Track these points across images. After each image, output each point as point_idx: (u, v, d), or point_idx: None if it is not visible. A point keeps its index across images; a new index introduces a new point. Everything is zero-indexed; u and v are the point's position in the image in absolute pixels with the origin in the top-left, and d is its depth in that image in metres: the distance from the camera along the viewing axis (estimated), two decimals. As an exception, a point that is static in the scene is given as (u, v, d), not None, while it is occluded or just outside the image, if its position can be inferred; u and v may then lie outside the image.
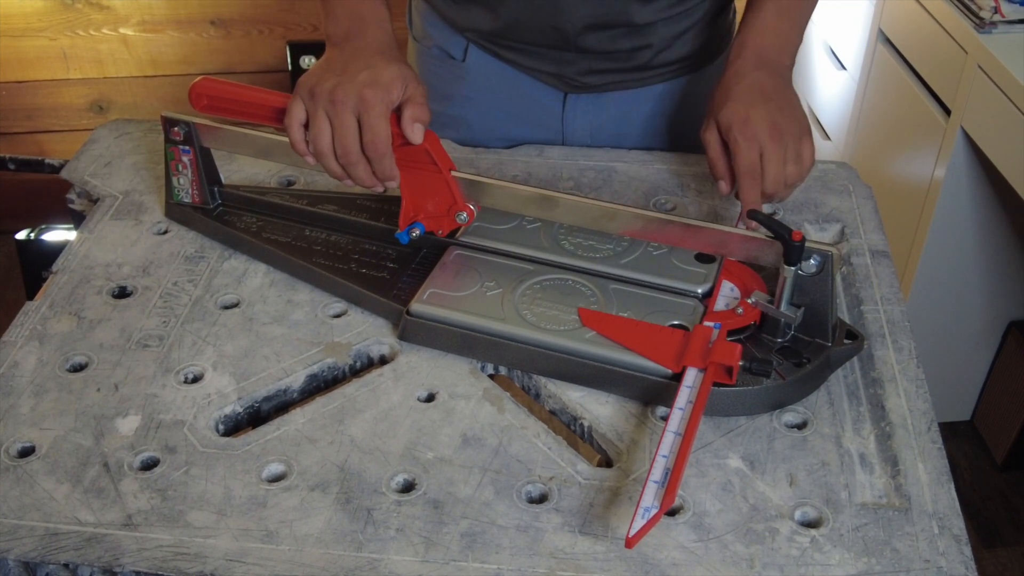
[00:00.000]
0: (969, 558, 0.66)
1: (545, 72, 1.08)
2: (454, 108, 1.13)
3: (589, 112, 1.11)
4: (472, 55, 1.10)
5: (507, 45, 1.07)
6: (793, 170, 0.87)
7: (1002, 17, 1.57)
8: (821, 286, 0.76)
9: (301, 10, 2.17)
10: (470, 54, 1.10)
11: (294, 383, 0.80)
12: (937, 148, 1.71)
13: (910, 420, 0.75)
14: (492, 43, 1.08)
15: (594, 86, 1.08)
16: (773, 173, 0.86)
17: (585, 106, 1.10)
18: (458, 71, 1.11)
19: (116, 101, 2.26)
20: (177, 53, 2.20)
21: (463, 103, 1.13)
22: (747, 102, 0.87)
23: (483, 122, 1.13)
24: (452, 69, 1.12)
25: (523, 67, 1.08)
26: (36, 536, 0.67)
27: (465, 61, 1.10)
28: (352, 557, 0.66)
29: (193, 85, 0.88)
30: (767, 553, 0.66)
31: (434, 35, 1.11)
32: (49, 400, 0.78)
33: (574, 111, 1.11)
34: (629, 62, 1.06)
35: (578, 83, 1.08)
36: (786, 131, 0.87)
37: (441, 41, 1.11)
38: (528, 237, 0.89)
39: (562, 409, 0.79)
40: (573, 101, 1.10)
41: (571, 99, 1.10)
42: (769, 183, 0.86)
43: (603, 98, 1.10)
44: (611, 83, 1.08)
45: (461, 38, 1.09)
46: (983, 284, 1.79)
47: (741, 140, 0.86)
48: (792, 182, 0.87)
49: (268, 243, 0.92)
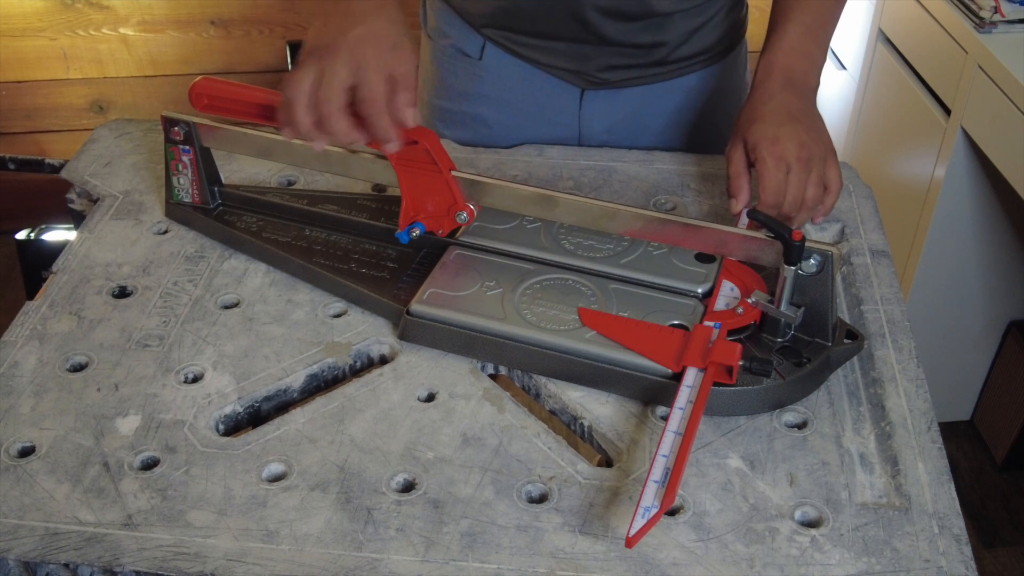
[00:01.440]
0: (969, 558, 0.66)
1: (563, 68, 1.08)
2: (471, 106, 1.13)
3: (606, 108, 1.10)
4: (489, 53, 1.10)
5: (524, 42, 1.07)
6: (814, 193, 0.86)
7: (1002, 17, 1.57)
8: (821, 286, 0.76)
9: (301, 10, 2.16)
10: (487, 52, 1.10)
11: (294, 383, 0.80)
12: (937, 148, 1.71)
13: (910, 420, 0.75)
14: (509, 40, 1.08)
15: (612, 82, 1.08)
16: (792, 194, 0.85)
17: (602, 102, 1.10)
18: (475, 69, 1.11)
19: (116, 101, 2.25)
20: (177, 53, 2.20)
21: (480, 101, 1.13)
22: (776, 122, 0.88)
23: (500, 120, 1.13)
24: (469, 67, 1.11)
25: (540, 63, 1.08)
26: (36, 536, 0.67)
27: (482, 59, 1.10)
28: (352, 557, 0.66)
29: (193, 85, 0.88)
30: (767, 553, 0.66)
31: (450, 33, 1.11)
32: (49, 400, 0.78)
33: (591, 107, 1.10)
34: (647, 57, 1.06)
35: (596, 79, 1.08)
36: (814, 153, 0.87)
37: (457, 40, 1.11)
38: (528, 237, 0.89)
39: (562, 409, 0.79)
40: (590, 97, 1.10)
41: (588, 95, 1.10)
42: (788, 204, 0.86)
43: (620, 94, 1.10)
44: (628, 79, 1.08)
45: (478, 36, 1.09)
46: (983, 284, 1.79)
47: (769, 160, 0.86)
48: (812, 205, 0.87)
49: (268, 243, 0.92)
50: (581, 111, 1.11)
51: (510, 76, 1.10)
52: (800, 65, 0.94)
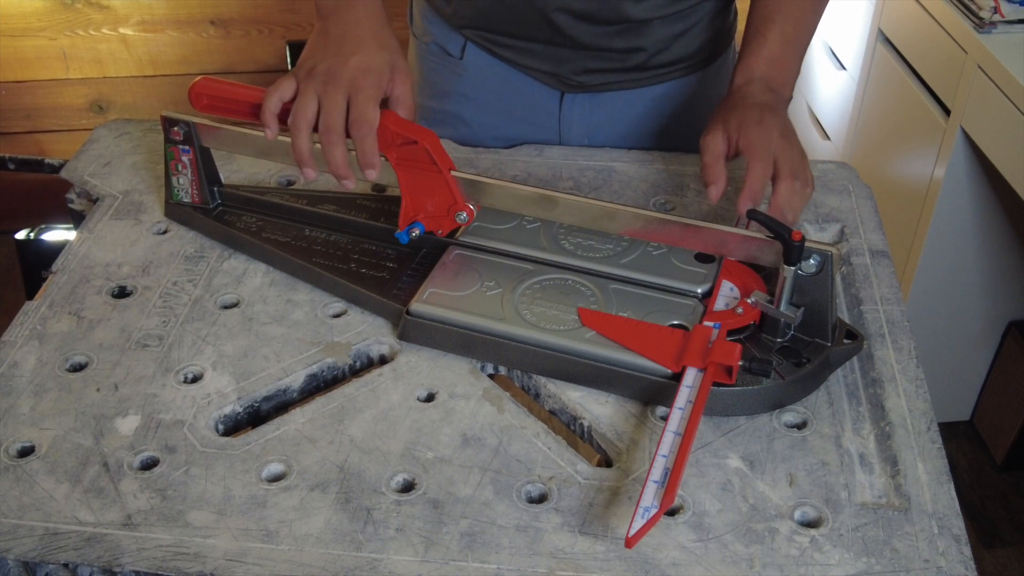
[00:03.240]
0: (969, 558, 0.66)
1: (541, 71, 1.08)
2: (452, 105, 1.13)
3: (586, 112, 1.11)
4: (470, 53, 1.10)
5: (503, 43, 1.07)
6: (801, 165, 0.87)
7: (1002, 17, 1.57)
8: (821, 286, 0.76)
9: (301, 10, 2.17)
10: (468, 52, 1.10)
11: (294, 383, 0.80)
12: (937, 148, 1.71)
13: (910, 420, 0.75)
14: (488, 40, 1.08)
15: (591, 86, 1.08)
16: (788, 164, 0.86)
17: (582, 106, 1.10)
18: (456, 68, 1.11)
19: (116, 101, 2.25)
20: (177, 53, 2.20)
21: (460, 100, 1.13)
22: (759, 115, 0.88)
23: (480, 120, 1.13)
24: (450, 66, 1.12)
25: (520, 65, 1.08)
26: (36, 536, 0.67)
27: (463, 59, 1.10)
28: (352, 557, 0.66)
29: (193, 85, 0.88)
30: (767, 553, 0.66)
31: (432, 32, 1.11)
32: (49, 400, 0.78)
33: (571, 111, 1.10)
34: (625, 62, 1.06)
35: (574, 82, 1.08)
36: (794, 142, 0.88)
37: (439, 38, 1.11)
38: (528, 237, 0.89)
39: (562, 409, 0.79)
40: (570, 101, 1.10)
41: (568, 98, 1.10)
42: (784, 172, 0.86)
43: (600, 98, 1.10)
44: (608, 83, 1.08)
45: (459, 35, 1.09)
46: (983, 284, 1.80)
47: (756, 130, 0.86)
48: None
49: (268, 243, 0.92)
50: (561, 113, 1.11)
51: (490, 77, 1.10)
52: (779, 76, 0.94)
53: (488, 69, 1.10)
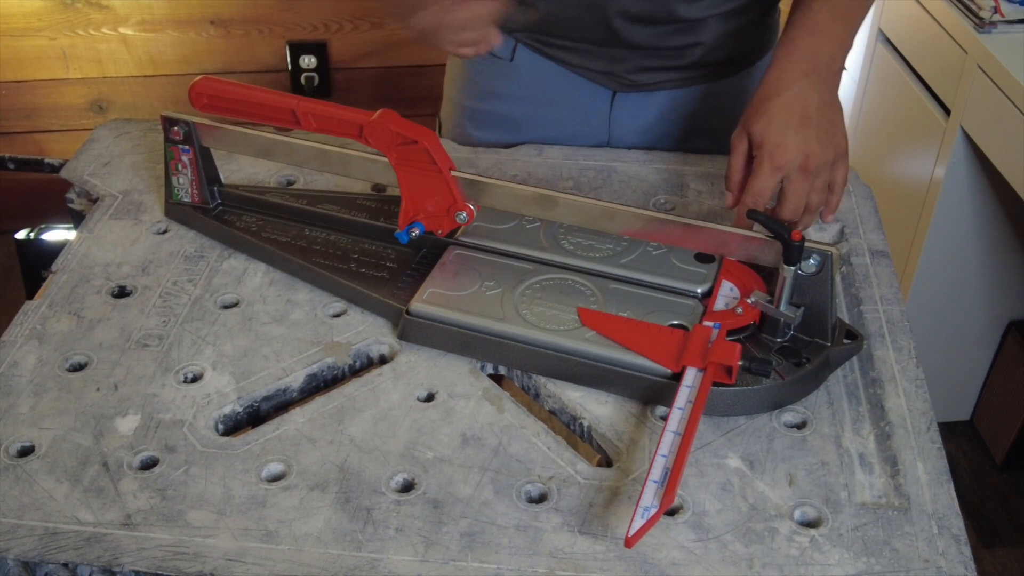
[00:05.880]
0: (968, 558, 0.66)
1: (594, 70, 1.07)
2: (501, 106, 1.12)
3: (637, 110, 1.10)
4: (520, 55, 1.09)
5: (555, 44, 1.06)
6: (818, 199, 0.86)
7: (1002, 17, 1.57)
8: (821, 286, 0.76)
9: (301, 10, 2.16)
10: (518, 54, 1.09)
11: (294, 383, 0.80)
12: (937, 148, 1.71)
13: (909, 420, 0.75)
14: (539, 42, 1.07)
15: (644, 84, 1.07)
16: (793, 204, 0.84)
17: (634, 104, 1.09)
18: (505, 70, 1.10)
19: (116, 101, 2.25)
20: (177, 53, 2.20)
21: (511, 101, 1.12)
22: (785, 124, 0.84)
23: (530, 120, 1.12)
24: (499, 68, 1.11)
25: (572, 65, 1.07)
26: (36, 536, 0.67)
27: (513, 61, 1.09)
28: (352, 557, 0.66)
29: (193, 84, 0.88)
30: (766, 553, 0.66)
31: None
32: (49, 400, 0.78)
33: (622, 109, 1.10)
34: (680, 60, 1.05)
35: (628, 81, 1.07)
36: (821, 160, 0.84)
37: None
38: (528, 237, 0.89)
39: (562, 409, 0.79)
40: (622, 100, 1.09)
41: (619, 97, 1.09)
42: (787, 211, 0.85)
43: (652, 96, 1.09)
44: (662, 81, 1.07)
45: (509, 38, 1.08)
46: (983, 284, 1.79)
47: (766, 165, 0.83)
48: (815, 209, 0.86)
49: (268, 243, 0.92)
50: (612, 113, 1.10)
51: (541, 76, 1.09)
52: (826, 48, 0.88)
53: (539, 70, 1.09)
